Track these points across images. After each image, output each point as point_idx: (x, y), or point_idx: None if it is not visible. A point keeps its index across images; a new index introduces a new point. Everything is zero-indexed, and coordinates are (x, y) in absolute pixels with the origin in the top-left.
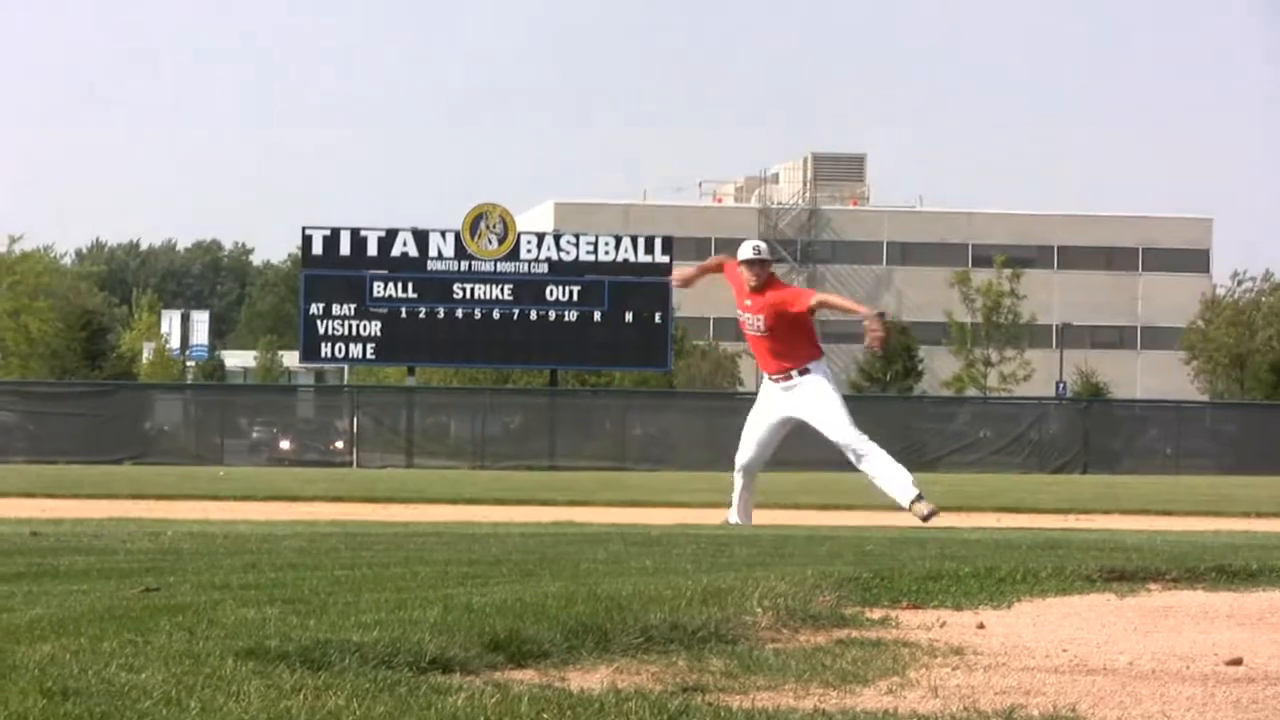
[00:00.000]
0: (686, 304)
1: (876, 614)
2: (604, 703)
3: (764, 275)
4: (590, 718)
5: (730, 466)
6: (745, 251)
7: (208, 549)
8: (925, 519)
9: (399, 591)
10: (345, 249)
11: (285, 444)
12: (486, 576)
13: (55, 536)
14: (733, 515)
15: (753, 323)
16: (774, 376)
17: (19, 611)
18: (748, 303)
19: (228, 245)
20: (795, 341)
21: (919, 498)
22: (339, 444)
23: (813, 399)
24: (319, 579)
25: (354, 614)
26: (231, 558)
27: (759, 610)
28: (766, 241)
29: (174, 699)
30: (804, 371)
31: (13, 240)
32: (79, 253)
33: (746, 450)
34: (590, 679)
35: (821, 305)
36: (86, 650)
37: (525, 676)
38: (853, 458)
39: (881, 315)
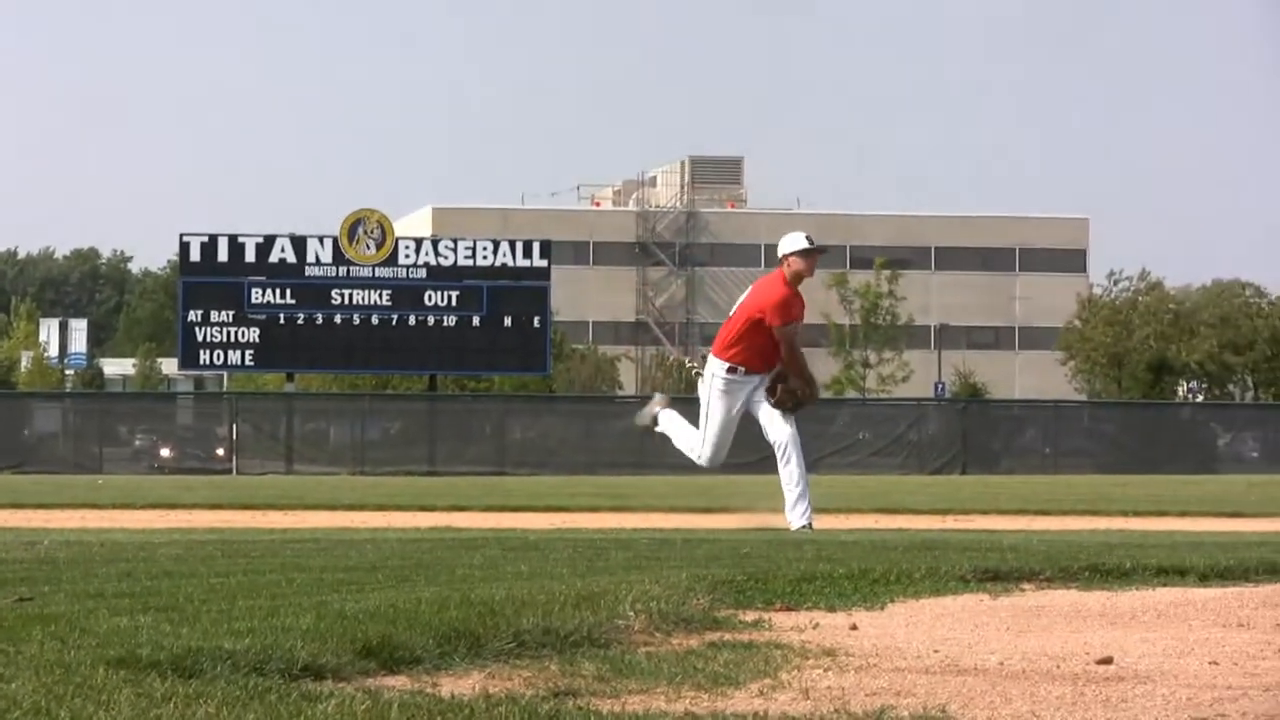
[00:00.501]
0: (565, 308)
1: (750, 616)
2: (474, 708)
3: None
4: None
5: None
6: (800, 241)
7: (84, 558)
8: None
9: (273, 599)
10: (223, 255)
11: (165, 451)
12: (362, 583)
13: None
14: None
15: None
16: (753, 372)
17: None
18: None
19: (106, 253)
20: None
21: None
22: (220, 451)
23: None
24: (194, 587)
25: (227, 621)
26: (107, 566)
27: (632, 614)
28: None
29: (44, 709)
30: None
31: None
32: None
33: (721, 450)
34: (462, 684)
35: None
36: None
37: (397, 683)
38: (781, 456)
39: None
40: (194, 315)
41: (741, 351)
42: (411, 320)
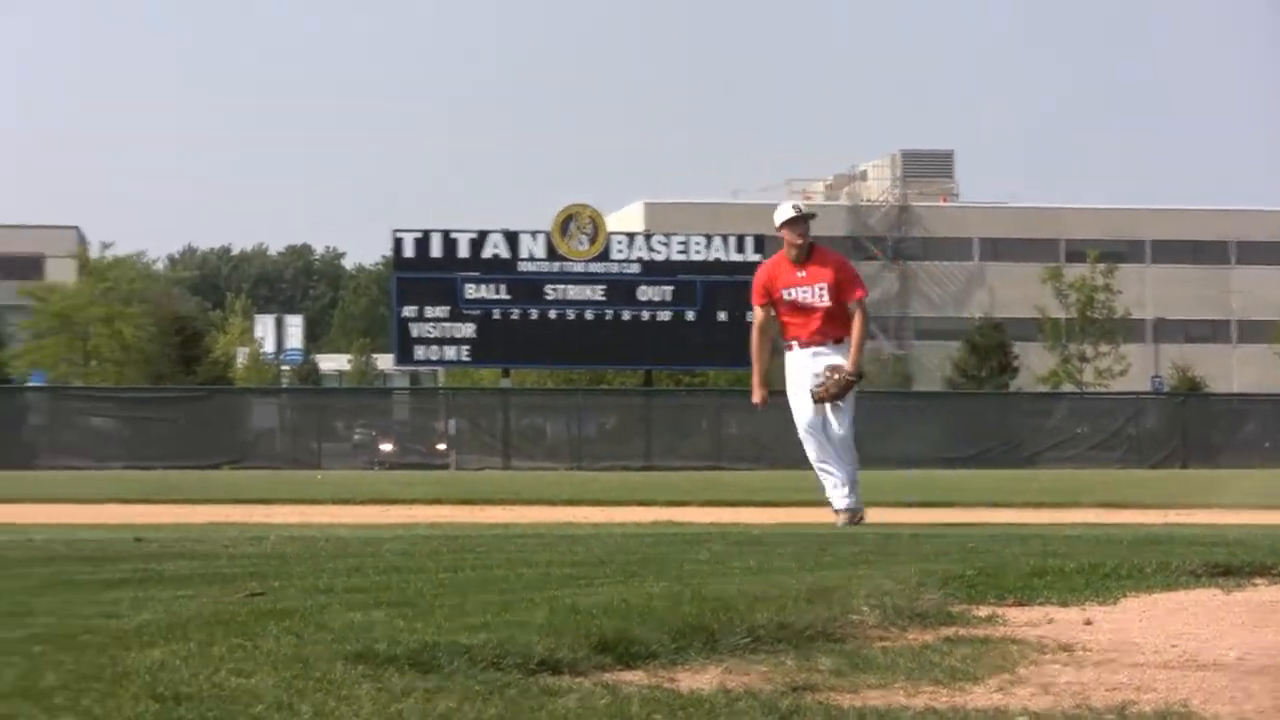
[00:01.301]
0: None
1: (983, 611)
2: (714, 703)
3: (807, 236)
4: (701, 718)
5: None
6: (786, 211)
7: (310, 553)
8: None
9: (503, 594)
10: (437, 251)
11: (386, 446)
12: (590, 578)
13: (158, 542)
14: (840, 501)
15: (815, 293)
16: (805, 342)
17: (127, 617)
18: (801, 274)
19: (319, 249)
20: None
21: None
22: (440, 446)
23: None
24: (423, 582)
25: (461, 616)
26: (335, 561)
27: (866, 609)
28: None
29: (285, 703)
30: (838, 341)
31: (105, 246)
32: (171, 258)
33: (812, 433)
34: (699, 679)
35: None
36: (196, 655)
37: (634, 678)
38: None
39: (851, 377)
40: (408, 311)
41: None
42: (625, 315)
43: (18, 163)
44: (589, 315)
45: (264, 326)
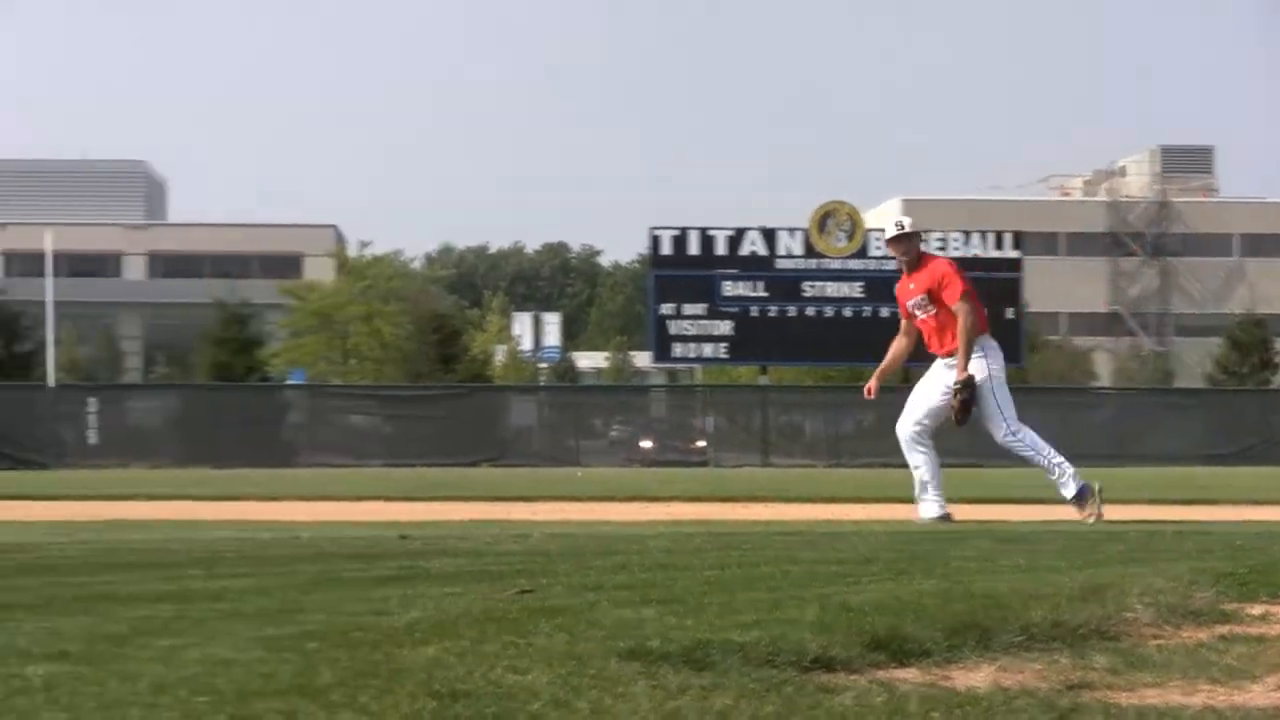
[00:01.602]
0: (1036, 300)
1: (1257, 610)
2: (991, 701)
3: (910, 249)
4: (979, 716)
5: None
6: (889, 230)
7: (575, 550)
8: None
9: (772, 591)
10: (694, 249)
11: (646, 444)
12: (857, 575)
13: (422, 540)
14: (926, 509)
15: (920, 303)
16: (935, 353)
17: (397, 614)
18: (911, 286)
19: (576, 247)
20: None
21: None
22: (699, 443)
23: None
24: (690, 579)
25: (731, 614)
26: (601, 559)
27: (1139, 607)
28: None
29: (562, 700)
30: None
31: (363, 245)
32: (428, 257)
33: (900, 436)
34: (973, 677)
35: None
36: (469, 652)
37: (908, 675)
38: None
39: (968, 387)
40: (666, 308)
41: None
42: (884, 312)
43: (278, 164)
44: (847, 312)
45: (521, 324)
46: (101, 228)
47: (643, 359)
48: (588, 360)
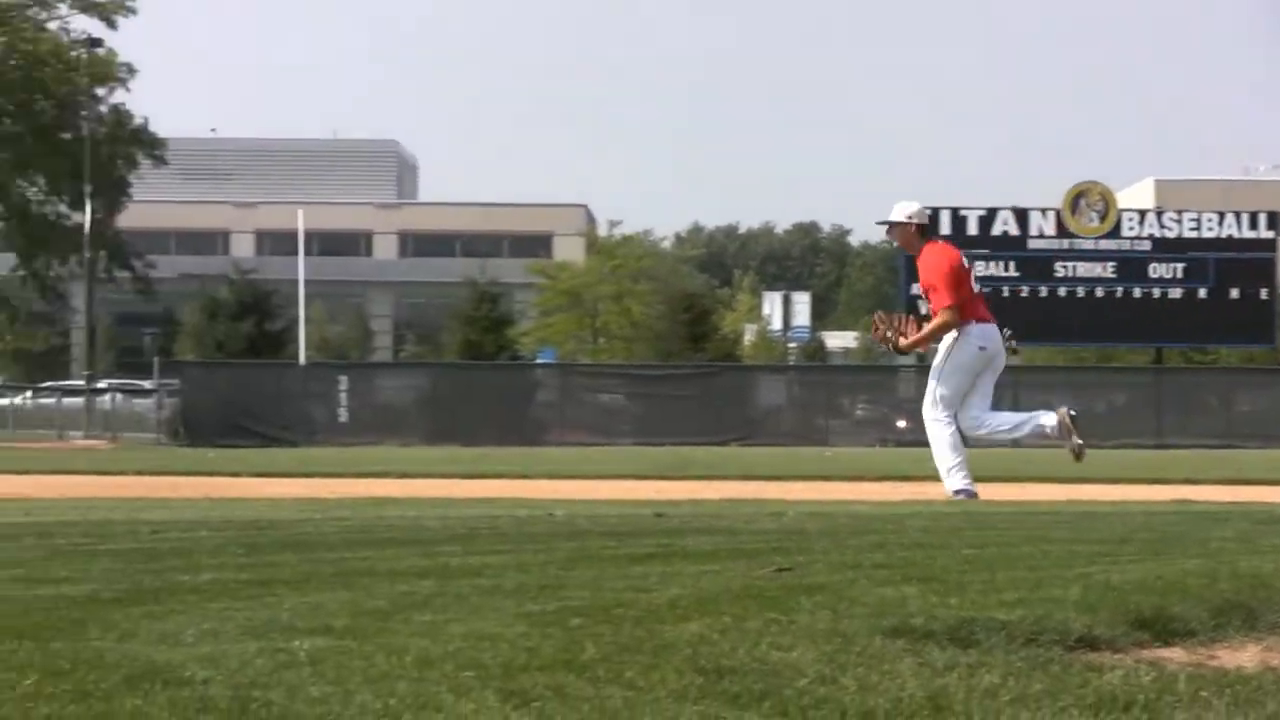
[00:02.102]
0: None
1: None
2: (1260, 681)
3: (903, 238)
4: (1249, 695)
5: None
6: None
7: (831, 529)
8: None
9: (1032, 570)
10: (945, 228)
11: (902, 423)
12: (1115, 555)
13: (677, 518)
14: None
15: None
16: None
17: (657, 591)
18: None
19: (826, 227)
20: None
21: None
22: None
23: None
24: (949, 558)
25: (993, 593)
26: (857, 537)
27: None
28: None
29: (828, 677)
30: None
31: (613, 225)
32: (678, 236)
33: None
34: (1240, 657)
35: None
36: (733, 629)
37: (1173, 655)
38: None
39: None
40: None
41: None
42: (1136, 293)
43: (529, 143)
44: (1099, 293)
45: (771, 304)
46: (353, 207)
47: None
48: (837, 340)
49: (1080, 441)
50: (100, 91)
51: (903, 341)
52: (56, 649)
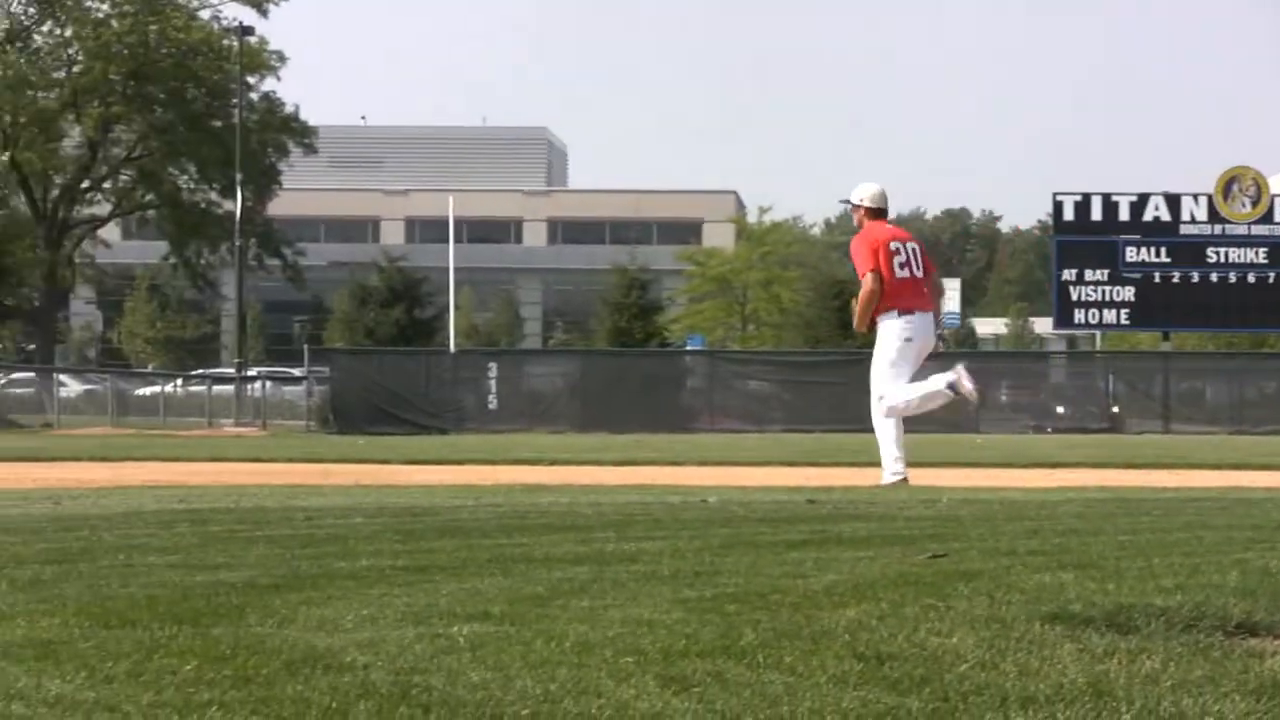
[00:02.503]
0: None
1: None
2: None
3: (856, 218)
4: None
5: None
6: None
7: (986, 515)
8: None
9: (1188, 555)
10: (1097, 214)
11: (1061, 409)
12: (1272, 540)
13: (830, 504)
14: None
15: None
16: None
17: (813, 578)
18: None
19: (975, 213)
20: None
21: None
22: (1100, 409)
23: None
24: (1104, 544)
25: (1150, 579)
26: (1011, 524)
27: None
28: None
29: (988, 663)
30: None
31: (762, 211)
32: (827, 222)
33: None
34: None
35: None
36: (889, 615)
37: None
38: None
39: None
40: (1068, 274)
41: None
42: None
43: (679, 129)
44: (1250, 278)
45: None
46: (502, 194)
47: (1043, 325)
48: (987, 326)
49: (974, 389)
50: (251, 79)
51: (854, 322)
52: (216, 635)
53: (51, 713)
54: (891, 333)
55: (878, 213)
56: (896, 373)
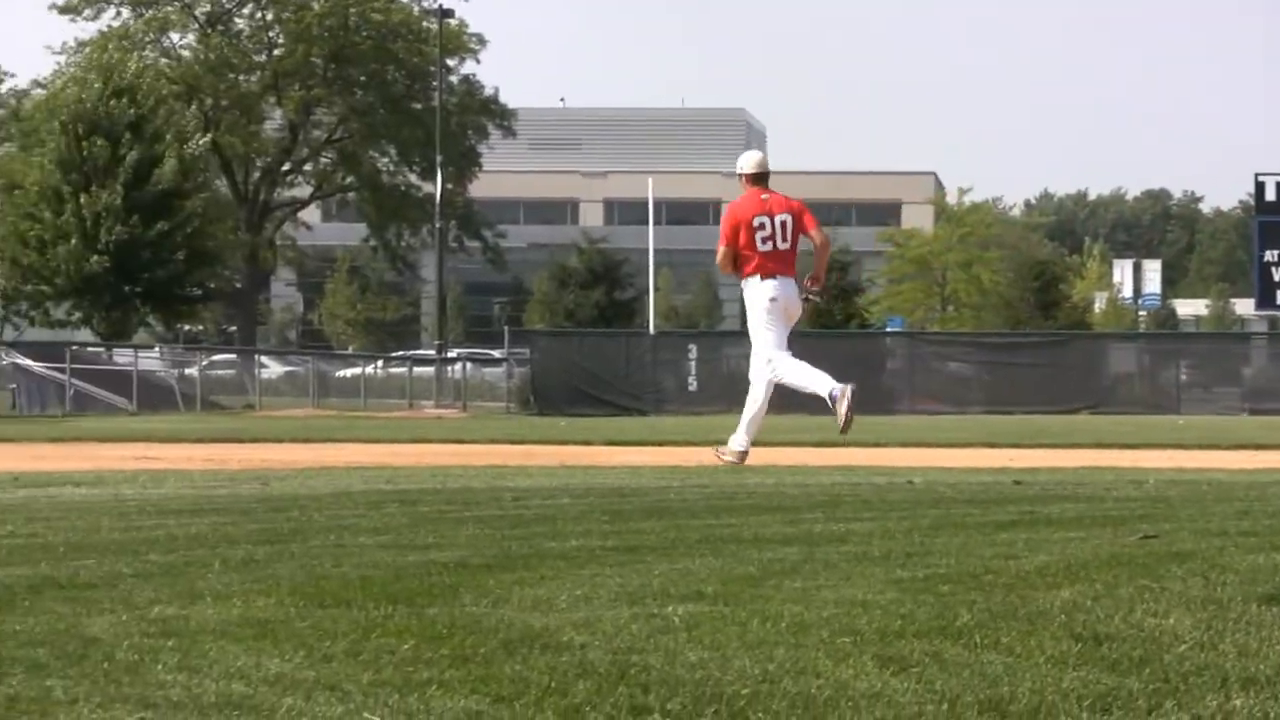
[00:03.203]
0: None
1: None
2: None
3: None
4: None
5: None
6: None
7: (1194, 496)
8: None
9: None
10: (1270, 195)
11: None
12: None
13: (1037, 485)
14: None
15: None
16: None
17: (1025, 558)
18: None
19: (1176, 194)
20: None
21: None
22: None
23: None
24: None
25: None
26: (1220, 505)
27: None
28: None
29: (1206, 643)
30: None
31: (962, 192)
32: (1027, 203)
33: None
34: None
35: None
36: (1104, 596)
37: None
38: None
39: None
40: (1270, 255)
41: None
42: None
43: (877, 110)
44: None
45: (1122, 271)
46: (701, 175)
47: (1244, 306)
48: (1188, 308)
49: (847, 416)
50: (451, 62)
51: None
52: (432, 614)
53: (272, 691)
54: (759, 294)
55: (757, 178)
56: (776, 336)
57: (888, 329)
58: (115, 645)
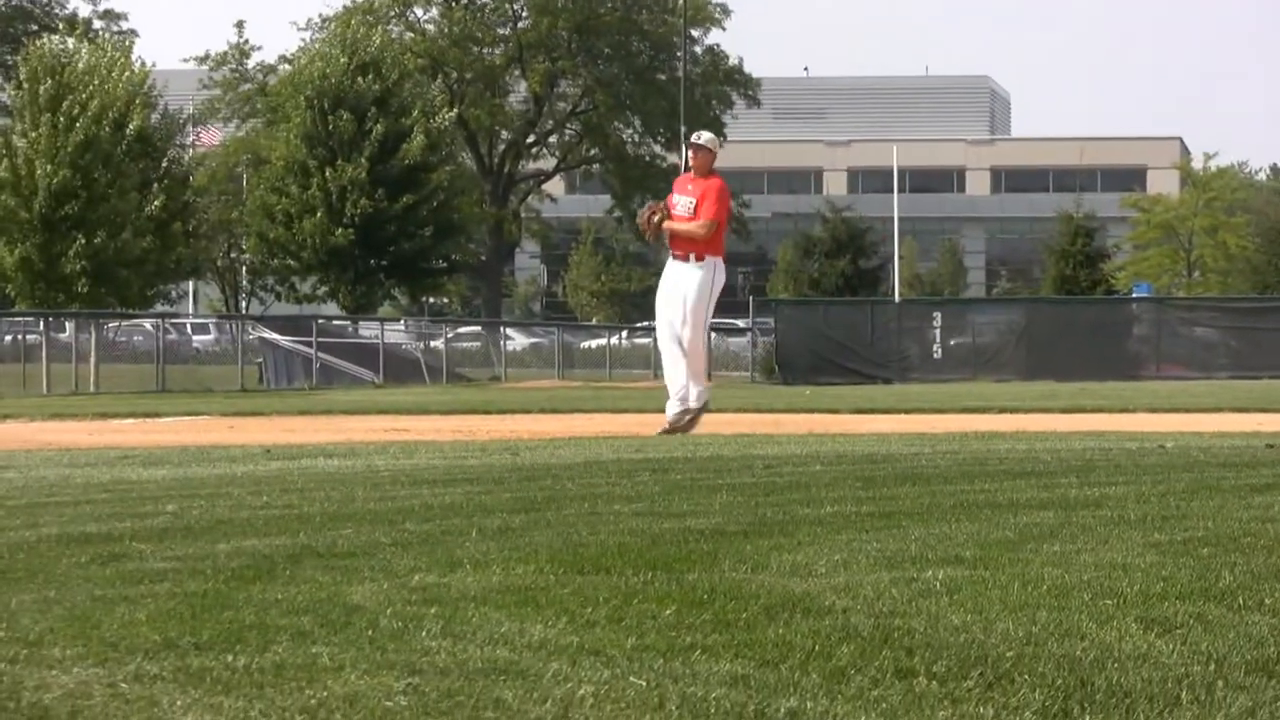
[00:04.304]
0: None
1: None
2: None
3: (706, 161)
4: None
5: None
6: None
7: None
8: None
9: None
10: None
11: None
12: None
13: None
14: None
15: (688, 204)
16: (676, 255)
17: None
18: (689, 187)
19: None
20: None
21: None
22: None
23: (687, 284)
24: None
25: None
26: None
27: None
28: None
29: None
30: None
31: (1208, 157)
32: (1274, 168)
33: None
34: None
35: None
36: None
37: None
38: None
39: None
40: None
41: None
42: None
43: (1122, 75)
44: None
45: None
46: (945, 143)
47: None
48: None
49: (685, 421)
50: (695, 33)
51: (667, 224)
52: (692, 580)
53: (537, 657)
54: (720, 278)
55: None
56: (708, 317)
57: (1134, 295)
58: (379, 613)
